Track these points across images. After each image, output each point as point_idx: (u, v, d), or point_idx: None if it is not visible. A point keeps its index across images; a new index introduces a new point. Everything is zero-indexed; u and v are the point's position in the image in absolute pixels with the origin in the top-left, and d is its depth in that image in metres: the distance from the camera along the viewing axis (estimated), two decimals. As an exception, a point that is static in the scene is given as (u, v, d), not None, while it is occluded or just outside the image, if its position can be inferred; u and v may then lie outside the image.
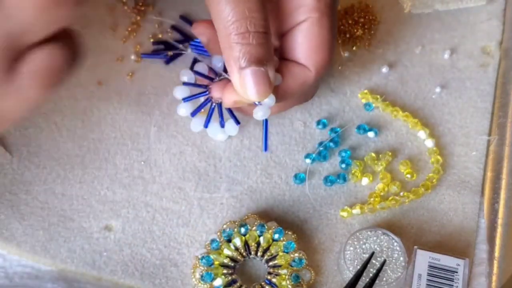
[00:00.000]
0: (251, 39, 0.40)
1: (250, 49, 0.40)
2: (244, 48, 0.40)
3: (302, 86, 0.45)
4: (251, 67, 0.40)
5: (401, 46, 0.57)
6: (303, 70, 0.44)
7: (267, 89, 0.41)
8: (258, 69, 0.40)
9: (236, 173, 0.50)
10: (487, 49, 0.57)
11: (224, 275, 0.44)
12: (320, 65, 0.44)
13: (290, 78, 0.44)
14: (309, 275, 0.45)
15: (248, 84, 0.41)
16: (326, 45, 0.44)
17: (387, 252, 0.45)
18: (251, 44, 0.40)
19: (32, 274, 0.45)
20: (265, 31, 0.40)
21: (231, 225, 0.46)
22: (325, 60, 0.45)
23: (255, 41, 0.40)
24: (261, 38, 0.40)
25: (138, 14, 0.57)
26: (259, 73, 0.40)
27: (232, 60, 0.41)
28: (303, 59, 0.44)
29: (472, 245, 0.48)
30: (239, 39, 0.40)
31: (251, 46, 0.40)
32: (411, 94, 0.54)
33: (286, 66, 0.44)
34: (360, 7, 0.58)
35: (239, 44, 0.40)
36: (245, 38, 0.40)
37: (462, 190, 0.50)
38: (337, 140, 0.51)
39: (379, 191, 0.49)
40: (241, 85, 0.41)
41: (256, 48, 0.40)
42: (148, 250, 0.46)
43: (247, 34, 0.40)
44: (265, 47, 0.40)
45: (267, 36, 0.41)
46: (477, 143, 0.52)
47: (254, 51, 0.40)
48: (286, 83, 0.44)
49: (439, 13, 0.58)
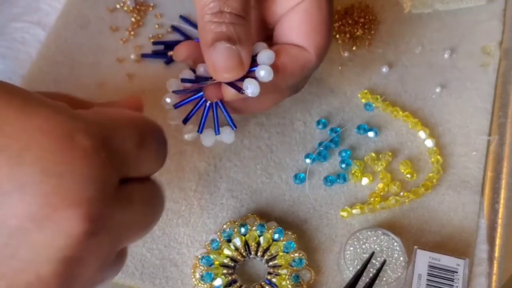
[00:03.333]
0: (224, 18, 0.40)
1: (222, 26, 0.40)
2: (215, 26, 0.40)
3: (303, 69, 0.43)
4: (221, 44, 0.40)
5: (401, 46, 0.57)
6: (303, 52, 0.43)
7: (236, 67, 0.40)
8: (229, 46, 0.40)
9: (236, 173, 0.50)
10: (487, 49, 0.57)
11: (224, 275, 0.44)
12: (320, 46, 0.43)
13: (289, 59, 0.43)
14: (309, 275, 0.45)
15: (217, 60, 0.40)
16: (325, 26, 0.43)
17: (387, 252, 0.45)
18: (224, 22, 0.40)
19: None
20: (240, 14, 0.40)
21: (231, 225, 0.46)
22: (325, 41, 0.44)
23: (227, 20, 0.40)
24: (234, 19, 0.40)
25: (138, 14, 0.58)
26: (229, 50, 0.40)
27: (204, 38, 0.40)
28: (302, 41, 0.43)
29: (472, 245, 0.48)
30: (212, 18, 0.40)
31: (223, 25, 0.40)
32: (411, 94, 0.54)
33: (284, 49, 0.43)
34: (360, 7, 0.58)
35: (211, 22, 0.40)
36: (218, 17, 0.40)
37: (462, 190, 0.50)
38: (337, 140, 0.51)
39: (379, 191, 0.49)
40: (210, 61, 0.40)
41: (228, 27, 0.40)
42: (148, 250, 0.46)
43: (220, 14, 0.40)
44: (238, 28, 0.40)
45: (241, 19, 0.40)
46: (477, 143, 0.52)
47: (225, 29, 0.40)
48: (285, 65, 0.42)
49: (439, 13, 0.58)
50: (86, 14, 0.57)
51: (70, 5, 0.58)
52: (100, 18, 0.57)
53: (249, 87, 0.41)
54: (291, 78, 0.43)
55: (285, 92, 0.45)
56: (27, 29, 0.56)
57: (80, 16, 0.57)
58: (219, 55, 0.40)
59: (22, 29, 0.56)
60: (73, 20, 0.57)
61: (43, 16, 0.57)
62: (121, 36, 0.56)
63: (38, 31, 0.56)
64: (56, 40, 0.56)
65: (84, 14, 0.57)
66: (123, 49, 0.56)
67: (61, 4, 0.58)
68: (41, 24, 0.57)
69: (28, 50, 0.55)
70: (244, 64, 0.41)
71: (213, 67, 0.40)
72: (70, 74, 0.54)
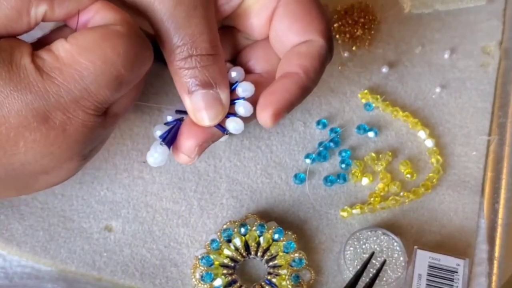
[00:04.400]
0: (195, 63, 0.38)
1: (195, 73, 0.39)
2: (189, 72, 0.39)
3: (321, 59, 0.42)
4: (198, 91, 0.39)
5: (401, 46, 0.57)
6: (311, 44, 0.42)
7: (219, 112, 0.40)
8: (207, 91, 0.39)
9: (236, 173, 0.50)
10: (487, 49, 0.57)
11: (224, 275, 0.44)
12: (322, 29, 0.42)
13: (303, 58, 0.41)
14: (309, 275, 0.45)
15: (198, 108, 0.39)
16: (313, 9, 0.42)
17: (387, 252, 0.45)
18: (195, 67, 0.38)
19: (32, 274, 0.45)
20: (210, 53, 0.39)
21: (231, 225, 0.46)
22: (323, 22, 0.42)
23: (199, 64, 0.38)
24: (205, 61, 0.39)
25: (138, 14, 0.57)
26: (208, 96, 0.39)
27: (180, 87, 0.39)
28: (303, 36, 0.42)
29: (472, 245, 0.48)
30: (182, 64, 0.38)
31: (195, 70, 0.38)
32: (411, 94, 0.54)
33: (292, 51, 0.42)
34: (360, 7, 0.58)
35: (183, 69, 0.38)
36: (188, 63, 0.38)
37: (462, 190, 0.50)
38: (337, 140, 0.51)
39: (379, 191, 0.49)
40: (192, 110, 0.39)
41: (201, 71, 0.39)
42: (148, 250, 0.46)
43: (189, 59, 0.38)
44: (211, 69, 0.39)
45: (213, 57, 0.39)
46: (477, 143, 0.52)
47: (199, 75, 0.39)
48: (306, 67, 0.41)
49: (439, 13, 0.59)
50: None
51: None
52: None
53: (230, 125, 0.40)
54: (316, 75, 0.42)
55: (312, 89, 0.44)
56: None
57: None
58: (198, 103, 0.39)
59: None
60: (73, 20, 0.57)
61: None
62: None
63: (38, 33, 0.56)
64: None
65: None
66: (123, 49, 0.56)
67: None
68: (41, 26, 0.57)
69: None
70: (225, 106, 0.40)
71: (194, 116, 0.40)
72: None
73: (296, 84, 0.40)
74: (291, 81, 0.40)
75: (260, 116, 0.40)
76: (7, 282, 0.45)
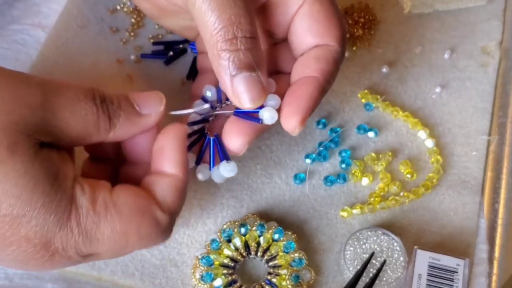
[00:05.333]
0: (239, 44, 0.38)
1: (239, 55, 0.39)
2: (232, 54, 0.38)
3: (336, 63, 0.43)
4: (242, 73, 0.39)
5: (401, 46, 0.57)
6: (327, 49, 0.42)
7: (261, 95, 0.40)
8: (250, 74, 0.39)
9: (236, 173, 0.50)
10: (487, 49, 0.57)
11: (224, 275, 0.44)
12: (338, 35, 0.43)
13: (321, 62, 0.42)
14: (309, 275, 0.45)
15: (241, 91, 0.39)
16: (333, 15, 0.43)
17: (387, 252, 0.45)
18: (240, 49, 0.39)
19: (32, 274, 0.45)
20: (253, 36, 0.39)
21: (231, 225, 0.46)
22: (340, 29, 0.43)
23: (243, 47, 0.39)
24: (249, 43, 0.39)
25: (138, 15, 0.58)
26: (251, 78, 0.39)
27: (221, 69, 0.39)
28: (320, 39, 0.42)
29: (472, 245, 0.48)
30: (226, 46, 0.38)
31: (239, 52, 0.39)
32: (411, 94, 0.54)
33: (309, 55, 0.43)
34: (360, 7, 0.58)
35: (227, 51, 0.38)
36: (233, 44, 0.38)
37: (462, 190, 0.50)
38: (337, 140, 0.51)
39: (379, 191, 0.49)
40: (233, 93, 0.40)
41: (245, 54, 0.39)
42: (148, 250, 0.46)
43: (235, 40, 0.38)
44: (254, 52, 0.39)
45: (255, 41, 0.39)
46: (477, 143, 0.52)
47: (243, 57, 0.39)
48: (323, 70, 0.42)
49: (439, 13, 0.59)
50: (86, 15, 0.57)
51: (70, 6, 0.58)
52: (100, 19, 0.57)
53: (264, 114, 0.41)
54: (333, 78, 0.43)
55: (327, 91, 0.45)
56: (27, 31, 0.56)
57: (80, 17, 0.57)
58: (242, 86, 0.39)
59: (22, 31, 0.56)
60: (74, 21, 0.57)
61: (43, 19, 0.57)
62: (121, 37, 0.56)
63: (38, 32, 0.56)
64: (56, 41, 0.56)
65: (84, 15, 0.57)
66: (123, 49, 0.56)
67: (61, 6, 0.58)
68: (41, 26, 0.57)
69: (28, 51, 0.55)
70: (266, 89, 0.40)
71: (237, 99, 0.40)
72: (70, 75, 0.54)
73: (317, 88, 0.41)
74: (312, 86, 0.41)
75: (287, 124, 0.41)
76: (7, 282, 0.45)
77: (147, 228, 0.37)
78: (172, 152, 0.39)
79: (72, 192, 0.35)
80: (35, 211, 0.34)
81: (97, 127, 0.37)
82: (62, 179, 0.35)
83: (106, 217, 0.36)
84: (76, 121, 0.36)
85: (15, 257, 0.35)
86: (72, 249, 0.35)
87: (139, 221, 0.37)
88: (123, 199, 0.37)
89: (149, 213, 0.37)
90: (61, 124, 0.36)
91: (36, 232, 0.34)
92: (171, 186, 0.39)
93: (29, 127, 0.34)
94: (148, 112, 0.39)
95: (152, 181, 0.39)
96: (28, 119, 0.34)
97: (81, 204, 0.35)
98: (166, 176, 0.39)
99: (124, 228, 0.36)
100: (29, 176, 0.33)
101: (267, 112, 0.41)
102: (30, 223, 0.34)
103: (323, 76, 0.42)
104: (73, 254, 0.36)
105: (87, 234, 0.35)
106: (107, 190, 0.37)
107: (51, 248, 0.35)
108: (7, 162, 0.33)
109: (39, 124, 0.35)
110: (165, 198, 0.38)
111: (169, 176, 0.39)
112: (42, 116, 0.35)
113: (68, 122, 0.36)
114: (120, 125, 0.38)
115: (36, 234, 0.34)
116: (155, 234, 0.38)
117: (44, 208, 0.34)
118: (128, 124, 0.39)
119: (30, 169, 0.33)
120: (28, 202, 0.33)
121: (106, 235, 0.36)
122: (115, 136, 0.39)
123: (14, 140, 0.33)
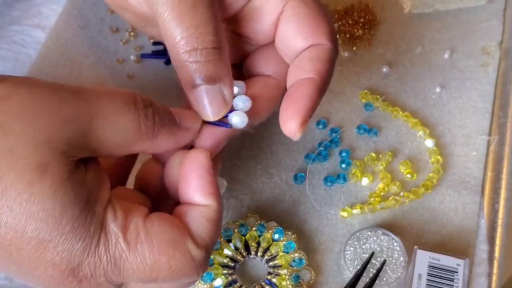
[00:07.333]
0: (199, 56, 0.38)
1: (199, 66, 0.38)
2: (193, 66, 0.38)
3: (331, 62, 0.42)
4: (202, 86, 0.38)
5: (401, 46, 0.57)
6: (321, 48, 0.42)
7: (222, 108, 0.39)
8: (210, 87, 0.38)
9: (236, 173, 0.50)
10: (487, 49, 0.57)
11: (224, 275, 0.44)
12: (328, 32, 0.42)
13: (316, 63, 0.41)
14: (309, 275, 0.45)
15: (201, 104, 0.39)
16: (319, 13, 0.42)
17: (387, 252, 0.45)
18: (200, 61, 0.38)
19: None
20: (216, 46, 0.38)
21: (231, 225, 0.46)
22: (329, 26, 0.42)
23: (203, 58, 0.38)
24: (210, 55, 0.38)
25: (138, 14, 0.58)
26: (211, 91, 0.38)
27: (182, 80, 0.39)
28: (310, 40, 0.42)
29: (472, 245, 0.48)
30: (186, 57, 0.38)
31: (199, 64, 0.38)
32: (411, 94, 0.54)
33: (303, 57, 0.42)
34: (360, 7, 0.58)
35: (187, 63, 0.38)
36: (193, 56, 0.38)
37: (462, 190, 0.50)
38: (337, 140, 0.51)
39: (379, 191, 0.49)
40: (195, 105, 0.39)
41: (205, 66, 0.38)
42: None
43: (194, 52, 0.37)
44: (216, 64, 0.38)
45: (218, 51, 0.38)
46: (477, 143, 0.52)
47: (203, 69, 0.38)
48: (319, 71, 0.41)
49: (439, 13, 0.59)
50: (86, 15, 0.57)
51: (70, 6, 0.58)
52: (100, 19, 0.57)
53: (233, 118, 0.40)
54: (330, 77, 0.42)
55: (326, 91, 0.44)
56: (27, 32, 0.56)
57: (80, 17, 0.57)
58: (202, 98, 0.38)
59: (22, 31, 0.56)
60: (73, 21, 0.57)
61: (43, 19, 0.57)
62: (121, 37, 0.56)
63: (38, 33, 0.57)
64: (56, 41, 0.56)
65: (84, 15, 0.57)
66: (123, 50, 0.56)
67: (61, 7, 0.58)
68: (41, 27, 0.57)
69: (28, 52, 0.55)
70: (228, 102, 0.39)
71: (199, 111, 0.39)
72: (70, 75, 0.54)
73: (315, 89, 0.40)
74: (310, 87, 0.40)
75: (287, 127, 0.40)
76: (7, 282, 0.45)
77: (179, 262, 0.35)
78: (199, 181, 0.37)
79: (103, 217, 0.33)
80: (62, 236, 0.32)
81: (139, 134, 0.35)
82: (93, 203, 0.33)
83: (136, 246, 0.34)
84: (116, 129, 0.34)
85: (42, 281, 0.33)
86: (102, 277, 0.33)
87: (170, 254, 0.34)
88: (157, 229, 0.34)
89: (182, 246, 0.35)
90: (99, 134, 0.33)
91: (62, 258, 0.32)
92: (205, 217, 0.36)
93: (63, 143, 0.32)
94: (188, 127, 0.38)
95: (184, 212, 0.36)
96: (62, 133, 0.32)
97: (111, 230, 0.33)
98: (198, 207, 0.37)
99: (155, 259, 0.34)
100: (57, 200, 0.31)
101: (236, 116, 0.40)
102: (56, 248, 0.32)
103: (319, 76, 0.41)
104: (103, 282, 0.34)
105: (116, 263, 0.33)
106: (140, 216, 0.35)
107: (79, 274, 0.33)
108: (34, 183, 0.31)
109: (75, 137, 0.32)
110: (199, 231, 0.36)
111: (202, 206, 0.37)
112: (78, 128, 0.32)
113: (107, 132, 0.33)
114: (163, 135, 0.36)
115: (63, 260, 0.32)
116: (189, 269, 0.35)
117: (72, 234, 0.32)
118: (170, 135, 0.37)
119: (59, 192, 0.31)
120: (56, 227, 0.31)
121: (135, 265, 0.34)
122: (156, 146, 0.37)
123: (44, 161, 0.31)
